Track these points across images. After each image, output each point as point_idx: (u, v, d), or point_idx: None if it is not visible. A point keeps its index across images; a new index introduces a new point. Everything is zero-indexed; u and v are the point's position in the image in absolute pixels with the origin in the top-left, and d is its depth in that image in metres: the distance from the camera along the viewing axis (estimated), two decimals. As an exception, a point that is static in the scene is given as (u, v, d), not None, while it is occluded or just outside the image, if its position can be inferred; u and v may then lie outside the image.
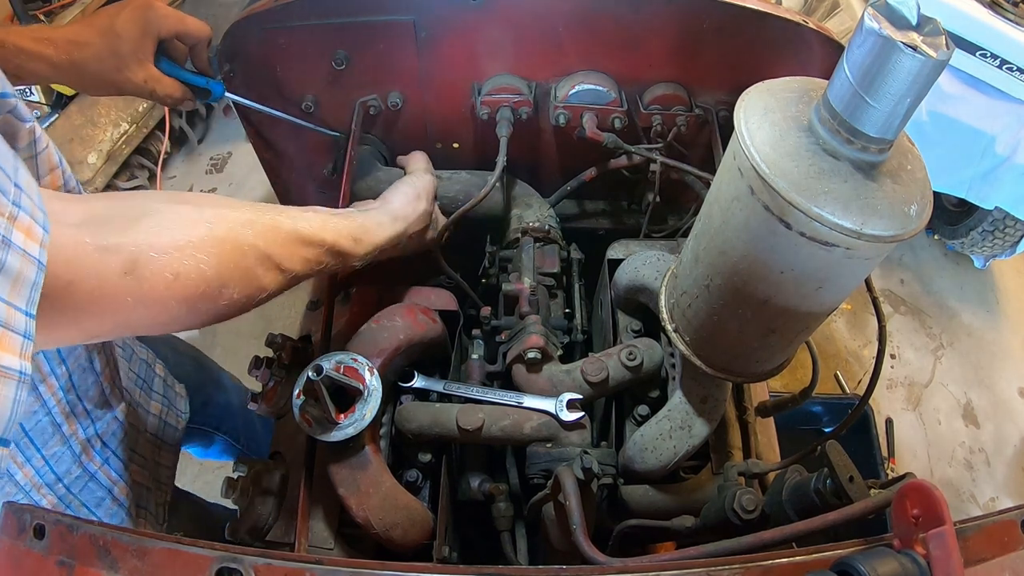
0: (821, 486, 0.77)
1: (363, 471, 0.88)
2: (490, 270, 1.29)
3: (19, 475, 0.91)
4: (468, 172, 1.31)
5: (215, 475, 2.35)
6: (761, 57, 1.14)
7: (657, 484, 1.00)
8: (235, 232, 0.69)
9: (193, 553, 0.54)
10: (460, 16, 1.14)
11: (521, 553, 1.04)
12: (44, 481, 0.94)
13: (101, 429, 1.00)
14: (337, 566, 0.54)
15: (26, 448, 0.90)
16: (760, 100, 0.66)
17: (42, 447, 0.92)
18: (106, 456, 1.03)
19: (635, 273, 1.04)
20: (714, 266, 0.74)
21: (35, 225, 0.49)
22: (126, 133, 2.95)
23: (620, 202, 1.44)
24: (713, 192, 0.74)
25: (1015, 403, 2.71)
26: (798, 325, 0.76)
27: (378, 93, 1.25)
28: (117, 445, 1.05)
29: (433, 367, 1.10)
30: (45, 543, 0.59)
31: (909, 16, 0.53)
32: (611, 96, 1.21)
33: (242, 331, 2.74)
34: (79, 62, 0.96)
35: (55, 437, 0.93)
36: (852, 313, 2.89)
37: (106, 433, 1.02)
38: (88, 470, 1.00)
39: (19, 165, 0.50)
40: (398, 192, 1.03)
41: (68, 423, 0.94)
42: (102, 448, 1.02)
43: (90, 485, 1.01)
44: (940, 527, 0.50)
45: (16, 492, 0.91)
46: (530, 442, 0.98)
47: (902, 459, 2.49)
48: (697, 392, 0.94)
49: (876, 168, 0.61)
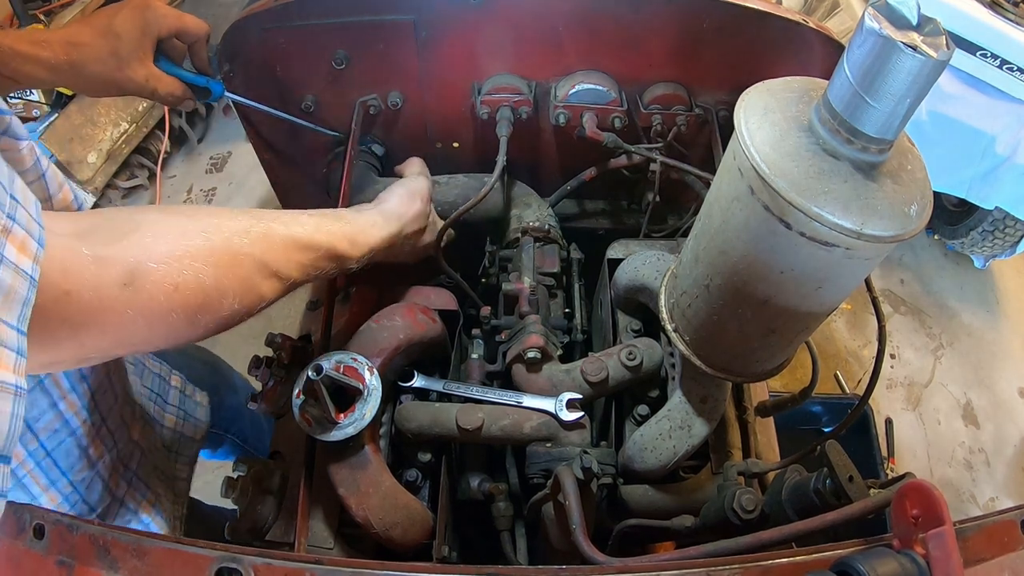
0: (821, 486, 0.77)
1: (363, 471, 0.88)
2: (490, 270, 1.29)
3: (43, 498, 0.89)
4: (465, 175, 1.31)
5: (215, 475, 2.34)
6: (761, 57, 1.14)
7: (657, 484, 1.00)
8: (231, 241, 0.69)
9: (193, 553, 0.54)
10: (460, 16, 1.14)
11: (521, 553, 1.04)
12: (76, 511, 0.93)
13: (123, 452, 1.00)
14: (337, 566, 0.54)
15: (50, 470, 0.88)
16: (760, 100, 0.66)
17: (68, 471, 0.90)
18: (129, 478, 1.02)
19: (635, 273, 1.04)
20: (714, 266, 0.74)
21: (30, 239, 0.48)
22: (126, 132, 2.95)
23: (620, 202, 1.44)
24: (713, 192, 0.74)
25: (1015, 403, 2.71)
26: (798, 325, 0.76)
27: (378, 93, 1.25)
28: (137, 466, 1.04)
29: (433, 367, 1.10)
30: (45, 543, 0.59)
31: (909, 16, 0.53)
32: (611, 96, 1.20)
33: (242, 331, 2.72)
34: (78, 63, 0.95)
35: (82, 461, 0.91)
36: (852, 313, 2.89)
37: (126, 455, 1.01)
38: (117, 496, 0.99)
39: (15, 178, 0.49)
40: (393, 193, 1.02)
41: (94, 447, 0.92)
42: (124, 471, 1.01)
43: (121, 510, 1.01)
44: (940, 527, 0.50)
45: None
46: (530, 442, 0.98)
47: (902, 459, 2.49)
48: (697, 392, 0.94)
49: (876, 168, 0.61)
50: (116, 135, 2.90)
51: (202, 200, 3.23)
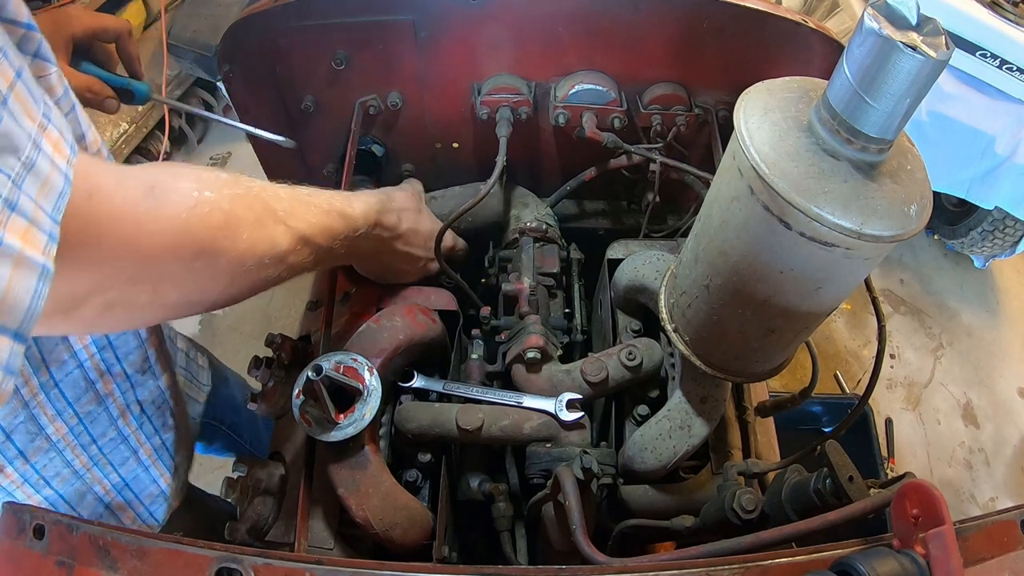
0: (821, 486, 0.77)
1: (363, 471, 0.88)
2: (490, 270, 1.29)
3: (50, 429, 0.90)
4: (460, 186, 1.31)
5: (215, 475, 2.35)
6: (761, 57, 1.14)
7: (657, 484, 1.00)
8: (241, 181, 0.71)
9: (193, 553, 0.54)
10: (460, 16, 1.14)
11: (521, 553, 1.04)
12: (79, 442, 0.94)
13: (142, 396, 1.01)
14: (337, 566, 0.54)
15: (56, 400, 0.89)
16: (760, 100, 0.66)
17: (74, 402, 0.91)
18: (142, 422, 1.03)
19: (635, 273, 1.04)
20: (714, 266, 0.74)
21: (63, 142, 0.48)
22: (125, 133, 2.94)
23: (620, 202, 1.44)
24: (713, 192, 0.74)
25: (1015, 403, 2.71)
26: (798, 325, 0.76)
27: (378, 93, 1.25)
28: (154, 412, 1.05)
29: (433, 367, 1.10)
30: (45, 543, 0.59)
31: (909, 16, 0.53)
32: (611, 96, 1.20)
33: (242, 331, 2.74)
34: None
35: (88, 394, 0.92)
36: (852, 313, 2.89)
37: (147, 400, 1.02)
38: (122, 433, 1.00)
39: (46, 96, 0.49)
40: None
41: (103, 382, 0.93)
42: (140, 413, 1.02)
43: (120, 447, 1.01)
44: (940, 527, 0.50)
45: (48, 448, 0.91)
46: (530, 442, 0.98)
47: (902, 459, 2.49)
48: (697, 392, 0.94)
49: (876, 168, 0.61)
50: (116, 135, 2.90)
51: (202, 200, 3.23)
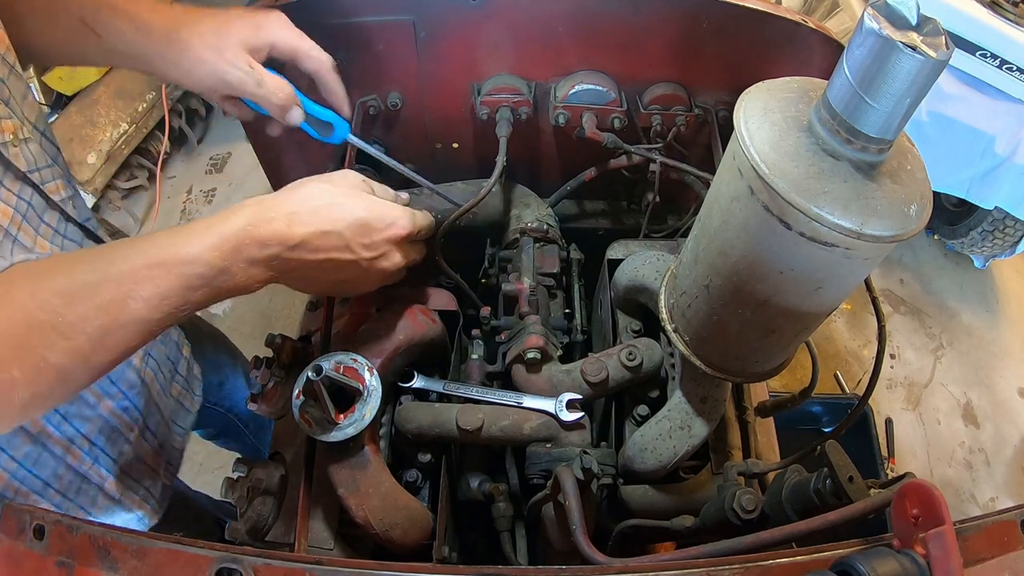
0: (821, 486, 0.77)
1: (363, 471, 0.88)
2: (490, 270, 1.29)
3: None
4: (463, 182, 1.30)
5: (215, 475, 2.35)
6: (761, 57, 1.14)
7: (657, 484, 1.00)
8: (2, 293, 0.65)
9: (193, 553, 0.54)
10: (459, 16, 1.14)
11: (521, 553, 1.04)
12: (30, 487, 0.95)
13: (84, 429, 1.00)
14: (337, 566, 0.54)
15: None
16: (760, 100, 0.66)
17: (6, 447, 0.90)
18: (95, 456, 1.03)
19: (635, 273, 1.04)
20: (714, 266, 0.74)
21: None
22: (126, 133, 2.94)
23: (620, 202, 1.44)
24: (713, 192, 0.74)
25: (1015, 403, 2.71)
26: (798, 325, 0.76)
27: (378, 93, 1.25)
28: (106, 443, 1.04)
29: (433, 367, 1.10)
30: (45, 543, 0.59)
31: (909, 16, 0.53)
32: (611, 96, 1.20)
33: (242, 331, 2.74)
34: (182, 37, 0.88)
35: (18, 437, 0.92)
36: (852, 313, 2.89)
37: (92, 432, 1.01)
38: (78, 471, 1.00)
39: None
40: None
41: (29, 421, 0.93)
42: (90, 447, 1.01)
43: (84, 486, 1.02)
44: (940, 527, 0.50)
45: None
46: (530, 442, 0.98)
47: (902, 459, 2.49)
48: (697, 392, 0.94)
49: (876, 168, 0.61)
50: (116, 136, 2.90)
51: (202, 200, 3.23)
